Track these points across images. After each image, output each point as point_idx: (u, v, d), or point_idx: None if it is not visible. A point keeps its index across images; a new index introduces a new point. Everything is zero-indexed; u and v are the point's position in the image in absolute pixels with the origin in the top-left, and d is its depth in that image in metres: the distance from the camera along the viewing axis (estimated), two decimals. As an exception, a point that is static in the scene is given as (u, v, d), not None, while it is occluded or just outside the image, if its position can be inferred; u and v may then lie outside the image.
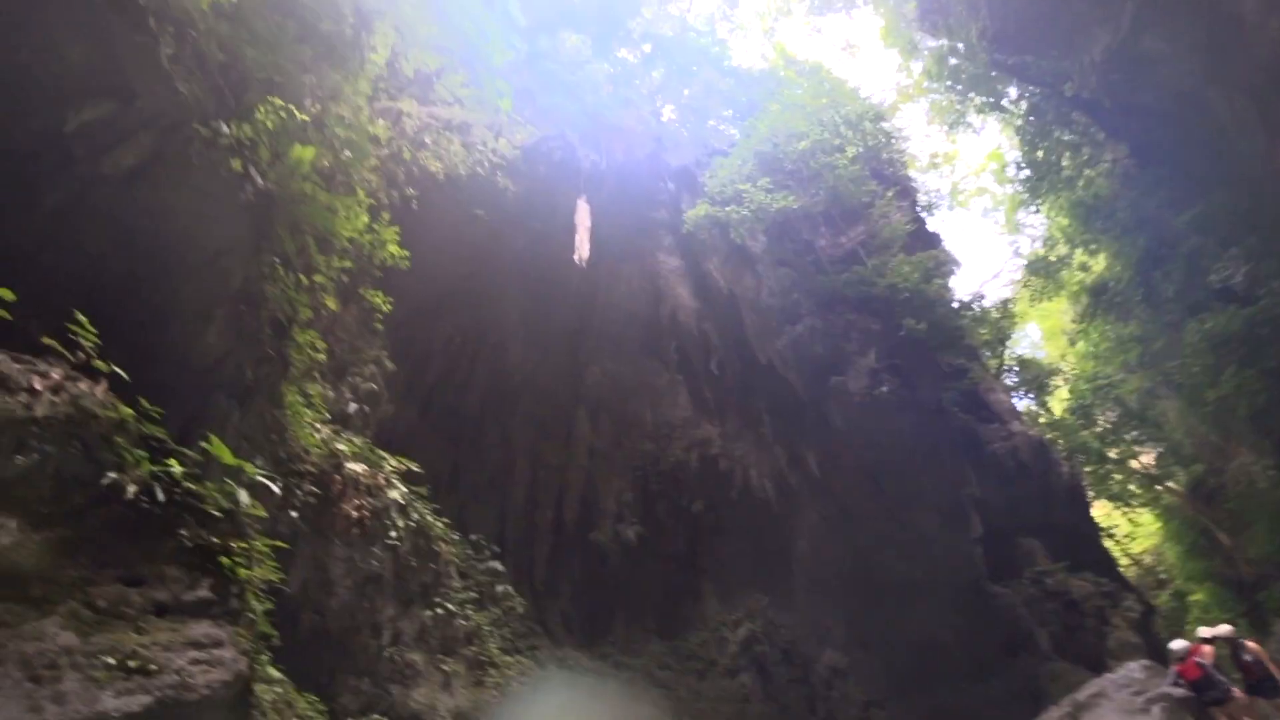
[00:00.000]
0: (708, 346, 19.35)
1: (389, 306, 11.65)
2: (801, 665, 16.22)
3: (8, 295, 4.84)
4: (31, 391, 4.87)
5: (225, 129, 6.85)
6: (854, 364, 19.61)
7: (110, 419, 5.33)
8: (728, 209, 19.25)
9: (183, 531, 5.54)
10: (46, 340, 5.27)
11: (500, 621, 12.80)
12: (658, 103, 23.65)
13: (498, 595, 13.27)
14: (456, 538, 12.86)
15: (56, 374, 5.15)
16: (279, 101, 7.45)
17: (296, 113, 7.64)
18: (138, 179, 6.35)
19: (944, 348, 20.28)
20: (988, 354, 24.42)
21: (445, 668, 10.59)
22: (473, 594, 12.41)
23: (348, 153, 8.81)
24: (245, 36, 7.12)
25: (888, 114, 26.48)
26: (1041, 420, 24.17)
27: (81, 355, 5.40)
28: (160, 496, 5.39)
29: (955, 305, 22.05)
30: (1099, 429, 22.61)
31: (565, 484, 17.28)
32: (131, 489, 5.19)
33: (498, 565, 13.91)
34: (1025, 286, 25.71)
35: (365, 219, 9.31)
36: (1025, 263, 26.58)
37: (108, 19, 5.89)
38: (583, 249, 17.42)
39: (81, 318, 5.43)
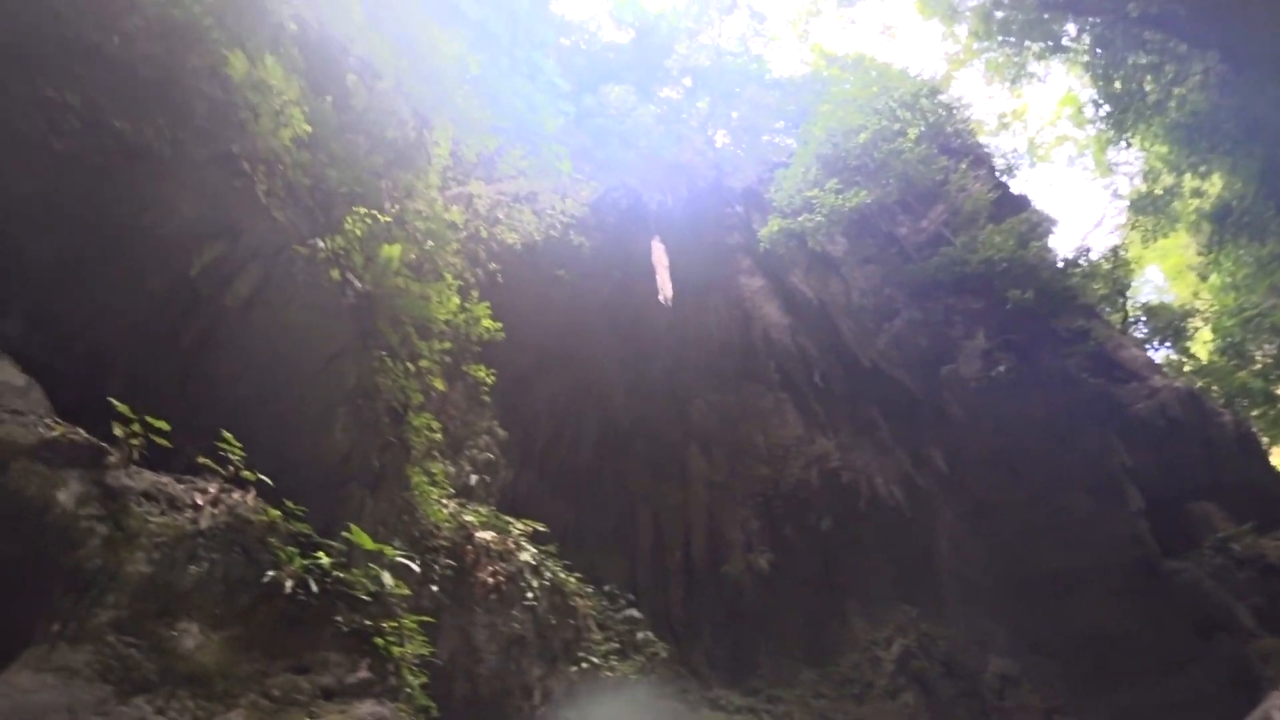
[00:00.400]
0: (807, 360, 19.00)
1: (492, 378, 12.14)
2: (967, 677, 15.16)
3: (164, 426, 5.47)
4: (195, 507, 5.45)
5: (320, 244, 7.53)
6: (963, 349, 18.69)
7: (262, 522, 5.86)
8: (800, 219, 19.08)
9: (338, 618, 5.94)
10: (201, 460, 5.90)
11: (645, 669, 12.76)
12: (709, 131, 23.92)
13: (639, 643, 13.27)
14: (590, 591, 13.03)
15: (213, 489, 5.74)
16: (362, 209, 8.13)
17: (379, 216, 8.31)
18: (254, 305, 7.05)
19: (1057, 312, 19.02)
20: (1108, 309, 22.61)
21: (599, 721, 10.65)
22: (614, 645, 12.48)
23: (430, 242, 9.45)
24: (324, 159, 7.86)
25: (942, 86, 25.52)
26: (1187, 369, 22.00)
27: (231, 468, 5.99)
28: (314, 588, 5.82)
29: (1060, 265, 20.69)
30: (1258, 366, 20.33)
31: (688, 522, 17.23)
32: (289, 584, 5.65)
33: (635, 613, 13.95)
34: (1133, 228, 23.67)
35: (456, 300, 9.88)
36: (1128, 203, 24.57)
37: (210, 172, 6.67)
38: (665, 288, 17.72)
39: (227, 435, 6.03)
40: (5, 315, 5.70)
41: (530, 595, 10.51)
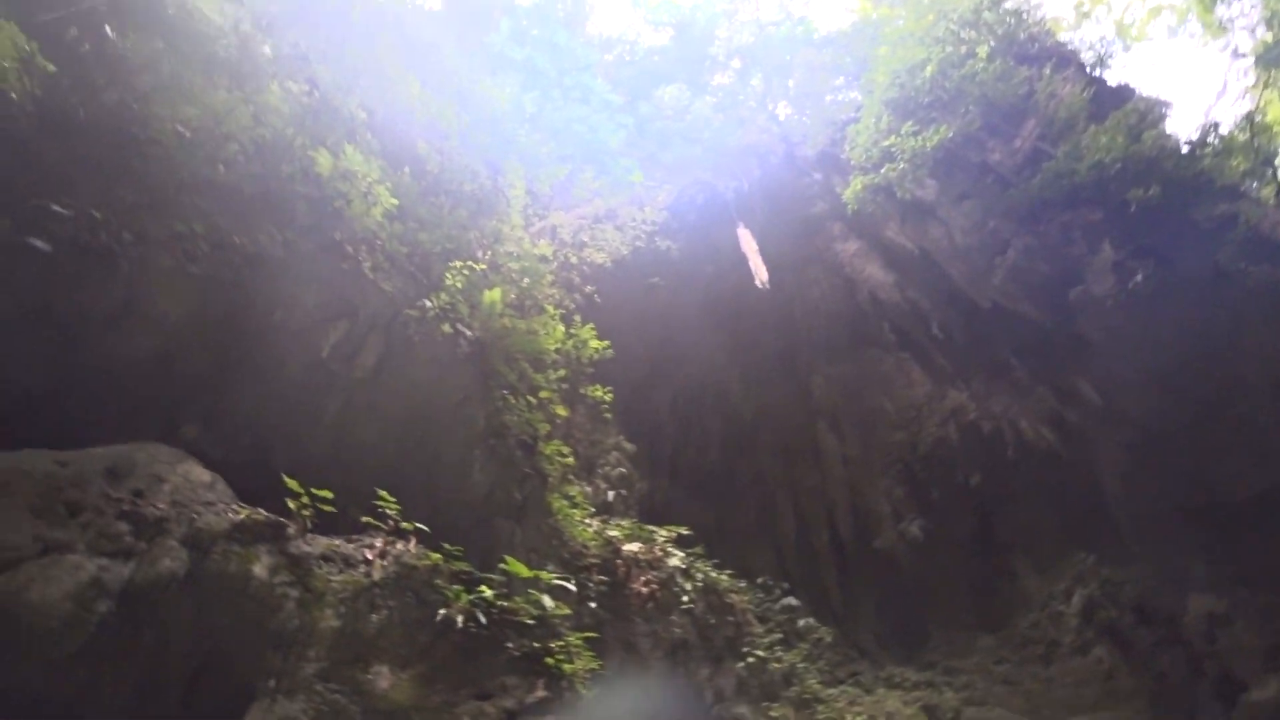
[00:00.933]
0: (920, 313, 18.19)
1: (610, 395, 12.48)
2: (1165, 622, 13.54)
3: (327, 494, 6.08)
4: (367, 562, 6.02)
5: (428, 303, 8.12)
6: (1089, 266, 17.17)
7: (426, 566, 6.37)
8: (882, 171, 18.31)
9: (509, 644, 6.34)
10: (364, 519, 6.49)
11: (812, 656, 12.61)
12: (769, 107, 23.49)
13: (801, 630, 13.16)
14: (743, 585, 13.05)
15: (379, 543, 6.32)
16: (458, 263, 8.68)
17: (475, 265, 8.84)
18: (381, 371, 7.68)
19: (1192, 203, 17.03)
20: (1255, 185, 20.04)
21: (774, 714, 10.61)
22: (777, 635, 12.43)
23: (526, 280, 9.92)
24: (414, 225, 8.45)
25: (1004, -8, 23.61)
26: (1371, 236, 19.18)
27: (391, 522, 6.57)
28: (483, 619, 6.26)
29: (1185, 150, 18.58)
30: None
31: (830, 501, 16.91)
32: (460, 619, 6.11)
33: (792, 601, 13.85)
34: (1267, 87, 20.84)
35: (561, 329, 10.29)
36: (1254, 60, 21.58)
37: (321, 262, 7.36)
38: (760, 272, 17.57)
39: (383, 493, 6.60)
40: (185, 423, 6.53)
41: (685, 599, 10.67)
